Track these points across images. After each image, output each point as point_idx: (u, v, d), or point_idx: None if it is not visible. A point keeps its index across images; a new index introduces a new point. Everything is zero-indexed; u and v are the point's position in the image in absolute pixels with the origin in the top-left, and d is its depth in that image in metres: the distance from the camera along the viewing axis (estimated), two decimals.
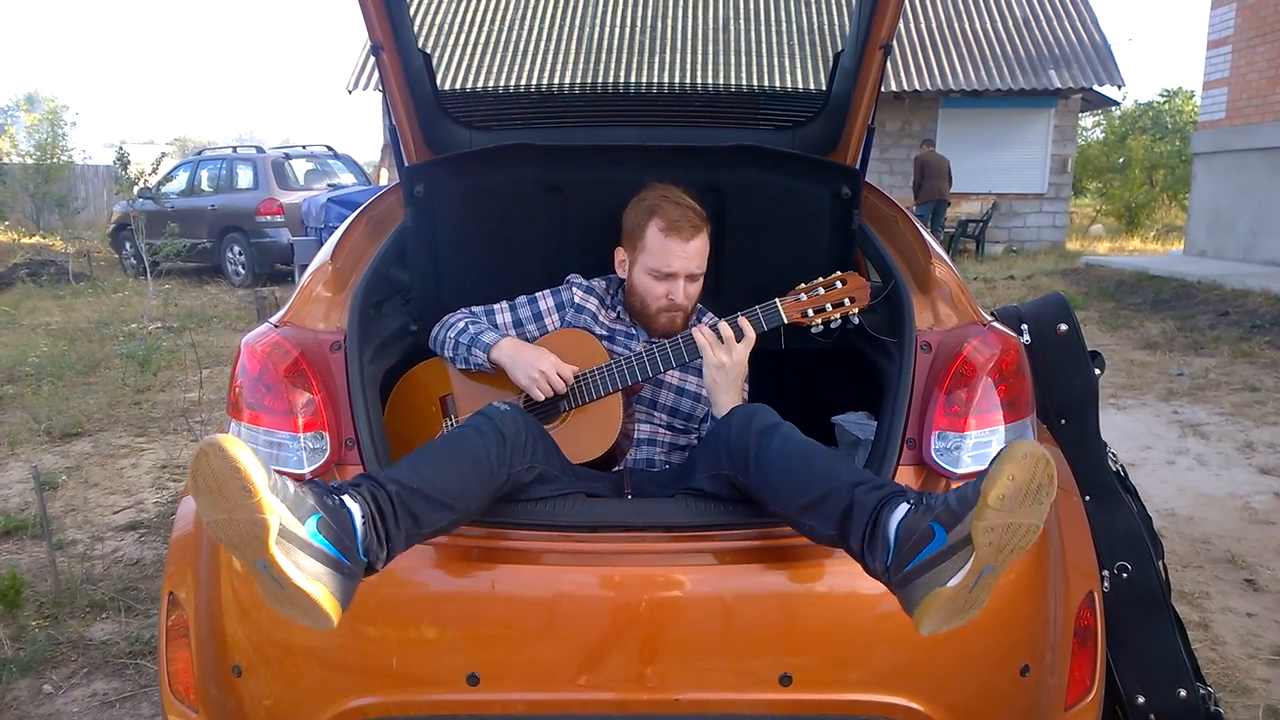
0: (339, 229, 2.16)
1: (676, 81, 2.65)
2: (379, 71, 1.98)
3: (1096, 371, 2.20)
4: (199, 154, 13.96)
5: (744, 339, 1.91)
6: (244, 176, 12.34)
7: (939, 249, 2.02)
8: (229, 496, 1.24)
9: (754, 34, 2.66)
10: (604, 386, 1.97)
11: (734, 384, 1.91)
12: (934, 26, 15.38)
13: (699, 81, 2.66)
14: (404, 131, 2.15)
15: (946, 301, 1.86)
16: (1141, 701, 2.06)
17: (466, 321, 2.08)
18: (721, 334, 1.90)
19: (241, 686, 1.64)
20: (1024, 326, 2.17)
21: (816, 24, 2.50)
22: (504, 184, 2.17)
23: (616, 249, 2.12)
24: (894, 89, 14.27)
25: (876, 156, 14.58)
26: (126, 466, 4.53)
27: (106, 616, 2.98)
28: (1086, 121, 23.88)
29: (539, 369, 1.95)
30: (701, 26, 2.71)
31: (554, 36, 2.71)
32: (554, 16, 2.77)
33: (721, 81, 2.68)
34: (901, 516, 1.38)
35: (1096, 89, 14.79)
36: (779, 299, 1.95)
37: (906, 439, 1.69)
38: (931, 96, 14.84)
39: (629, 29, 2.64)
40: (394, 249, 2.12)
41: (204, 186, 12.81)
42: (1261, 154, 9.91)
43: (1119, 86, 14.60)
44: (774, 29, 2.63)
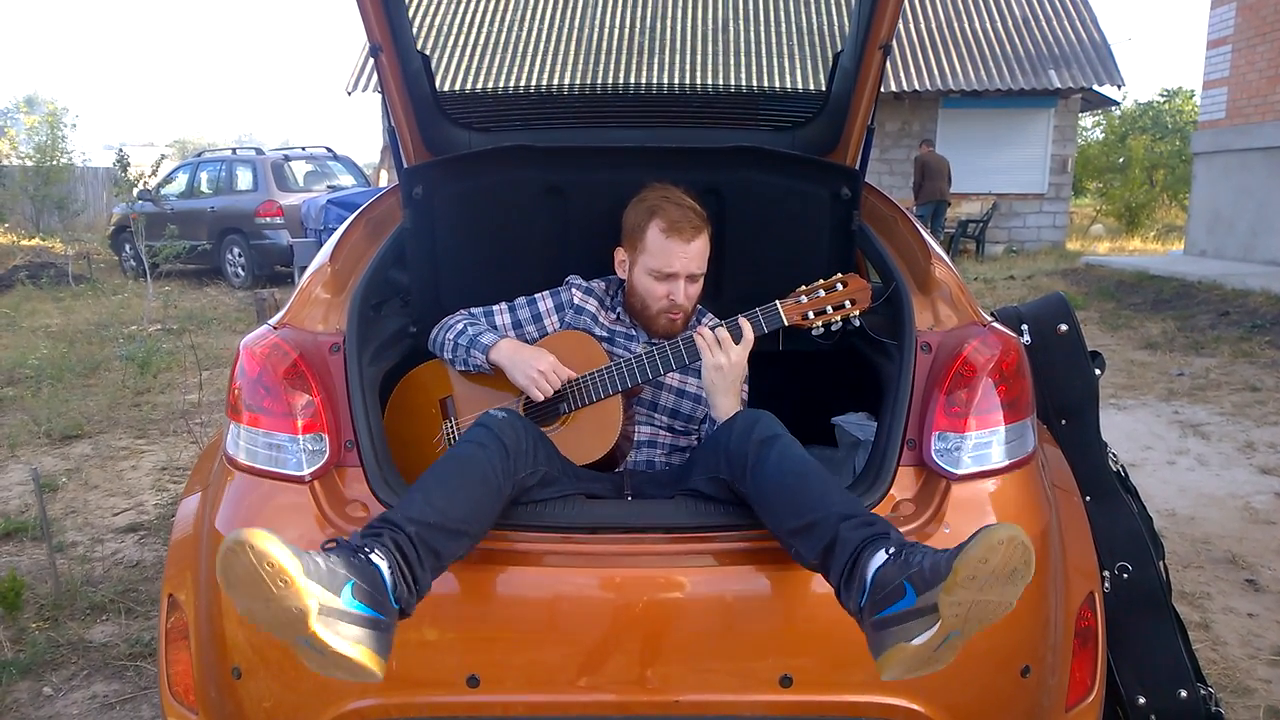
0: (338, 231, 2.16)
1: (676, 82, 2.64)
2: (378, 73, 1.98)
3: (1097, 372, 2.20)
4: (198, 156, 13.97)
5: (743, 341, 1.91)
6: (243, 178, 12.34)
7: (939, 249, 2.02)
8: (264, 588, 1.24)
9: (754, 34, 2.66)
10: (604, 389, 1.96)
11: (732, 386, 1.90)
12: (934, 26, 15.38)
13: (699, 82, 2.66)
14: (403, 133, 2.15)
15: (947, 302, 1.86)
16: (1142, 702, 2.06)
17: (465, 323, 2.08)
18: (720, 337, 1.90)
19: (241, 688, 1.64)
20: (1024, 327, 2.17)
21: (816, 24, 2.50)
22: (503, 185, 2.16)
23: (616, 250, 2.12)
24: (894, 89, 14.27)
25: (876, 157, 14.58)
26: (126, 468, 4.52)
27: (106, 618, 2.98)
28: (1086, 121, 23.90)
29: (538, 369, 1.95)
30: (701, 26, 2.71)
31: (553, 37, 2.70)
32: (553, 17, 2.77)
33: (721, 82, 2.68)
34: (879, 565, 1.37)
35: (1096, 89, 14.79)
36: (779, 301, 1.95)
37: (907, 440, 1.69)
38: (931, 96, 14.84)
39: (629, 29, 2.63)
40: (393, 251, 2.12)
41: (203, 188, 12.81)
42: (1261, 154, 9.91)
43: (1119, 86, 14.61)
44: (774, 29, 2.63)
